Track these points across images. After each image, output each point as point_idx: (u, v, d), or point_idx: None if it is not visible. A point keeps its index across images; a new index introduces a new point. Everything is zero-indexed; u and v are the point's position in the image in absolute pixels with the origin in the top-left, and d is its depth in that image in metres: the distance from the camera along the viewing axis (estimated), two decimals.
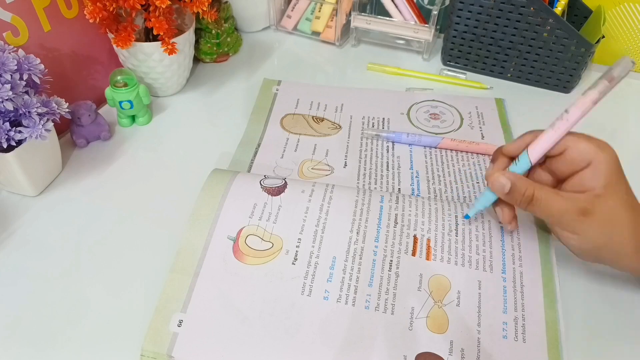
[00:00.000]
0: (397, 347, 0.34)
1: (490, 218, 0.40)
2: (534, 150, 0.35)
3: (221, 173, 0.44)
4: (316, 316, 0.35)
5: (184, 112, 0.58)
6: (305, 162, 0.50)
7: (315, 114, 0.57)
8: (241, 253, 0.38)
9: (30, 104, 0.41)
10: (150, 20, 0.49)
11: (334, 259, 0.38)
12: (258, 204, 0.41)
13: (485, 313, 0.35)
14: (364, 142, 0.53)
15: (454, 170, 0.49)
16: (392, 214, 0.40)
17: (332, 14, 0.68)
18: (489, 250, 0.38)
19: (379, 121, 0.56)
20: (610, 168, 0.33)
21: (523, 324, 0.35)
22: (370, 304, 0.36)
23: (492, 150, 0.49)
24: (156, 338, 0.34)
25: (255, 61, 0.67)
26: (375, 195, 0.42)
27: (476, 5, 0.59)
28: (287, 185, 0.42)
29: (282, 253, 0.38)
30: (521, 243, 0.39)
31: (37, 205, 0.46)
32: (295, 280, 0.37)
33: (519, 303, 0.36)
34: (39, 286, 0.39)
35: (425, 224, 0.40)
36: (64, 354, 0.35)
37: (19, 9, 0.46)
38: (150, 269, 0.40)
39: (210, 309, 0.36)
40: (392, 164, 0.50)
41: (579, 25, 0.61)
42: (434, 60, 0.68)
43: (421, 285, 0.37)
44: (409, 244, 0.39)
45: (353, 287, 0.37)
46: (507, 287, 0.37)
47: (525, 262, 0.38)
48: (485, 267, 0.37)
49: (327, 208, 0.40)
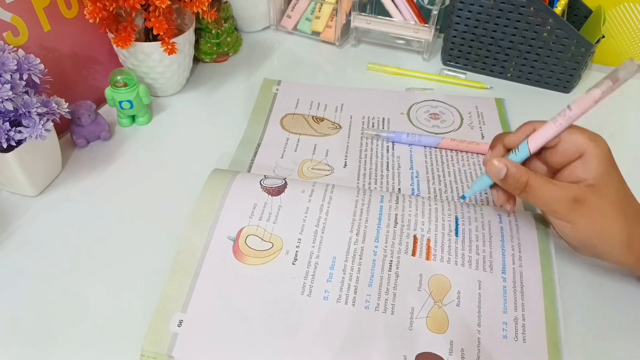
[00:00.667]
0: (397, 347, 0.34)
1: (490, 218, 0.40)
2: (534, 141, 0.36)
3: (221, 173, 0.44)
4: (316, 316, 0.35)
5: (184, 112, 0.58)
6: (305, 162, 0.50)
7: (315, 113, 0.57)
8: (241, 253, 0.38)
9: (30, 104, 0.41)
10: (150, 20, 0.49)
11: (334, 259, 0.38)
12: (258, 204, 0.41)
13: (485, 313, 0.35)
14: (364, 142, 0.53)
15: (454, 170, 0.49)
16: (392, 214, 0.40)
17: (332, 14, 0.68)
18: (489, 250, 0.38)
19: (378, 121, 0.56)
20: (602, 160, 0.33)
21: (523, 324, 0.35)
22: (370, 304, 0.36)
23: None
24: (156, 338, 0.34)
25: (255, 61, 0.67)
26: (375, 195, 0.42)
27: (476, 5, 0.59)
28: (287, 185, 0.42)
29: (282, 253, 0.38)
30: (521, 243, 0.39)
31: (37, 205, 0.46)
32: (295, 280, 0.37)
33: (519, 303, 0.36)
34: (39, 286, 0.39)
35: (425, 224, 0.40)
36: (64, 354, 0.35)
37: (18, 9, 0.46)
38: (150, 269, 0.40)
39: (211, 309, 0.36)
40: (392, 164, 0.50)
41: (579, 25, 0.61)
42: (434, 60, 0.68)
43: (421, 285, 0.37)
44: (409, 244, 0.39)
45: (353, 287, 0.37)
46: (507, 287, 0.37)
47: (525, 262, 0.38)
48: (485, 267, 0.37)
49: (327, 208, 0.40)
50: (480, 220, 0.40)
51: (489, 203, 0.45)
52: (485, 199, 0.46)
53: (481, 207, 0.41)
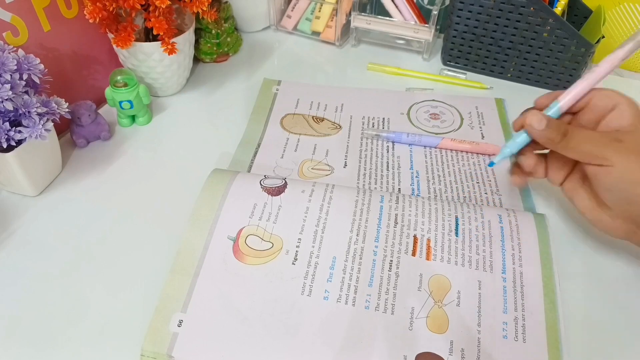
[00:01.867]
0: (397, 347, 0.34)
1: (490, 218, 0.40)
2: (564, 99, 0.38)
3: (221, 173, 0.44)
4: (316, 316, 0.35)
5: (184, 112, 0.58)
6: (305, 162, 0.50)
7: (315, 114, 0.57)
8: (241, 253, 0.38)
9: (30, 104, 0.41)
10: (150, 20, 0.49)
11: (334, 259, 0.38)
12: (258, 204, 0.41)
13: (486, 313, 0.35)
14: (364, 142, 0.53)
15: (454, 170, 0.49)
16: (392, 214, 0.40)
17: (332, 14, 0.68)
18: (489, 250, 0.38)
19: (379, 121, 0.56)
20: (635, 109, 0.35)
21: (523, 324, 0.35)
22: (370, 304, 0.36)
23: (492, 150, 0.50)
24: (156, 338, 0.34)
25: (255, 61, 0.67)
26: (375, 195, 0.42)
27: (476, 5, 0.59)
28: (287, 185, 0.42)
29: (282, 253, 0.38)
30: (521, 243, 0.39)
31: (37, 205, 0.46)
32: (295, 280, 0.37)
33: (519, 303, 0.36)
34: (39, 286, 0.39)
35: (425, 224, 0.40)
36: (64, 354, 0.35)
37: (18, 9, 0.46)
38: (150, 268, 0.40)
39: (211, 309, 0.36)
40: (392, 164, 0.50)
41: (579, 25, 0.61)
42: (434, 60, 0.68)
43: (421, 285, 0.37)
44: (409, 244, 0.39)
45: (353, 287, 0.37)
46: (507, 287, 0.37)
47: (525, 262, 0.38)
48: (485, 267, 0.37)
49: (327, 208, 0.40)
50: (481, 220, 0.40)
51: (489, 203, 0.45)
52: (485, 199, 0.46)
53: (481, 208, 0.41)
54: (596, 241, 0.43)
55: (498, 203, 0.46)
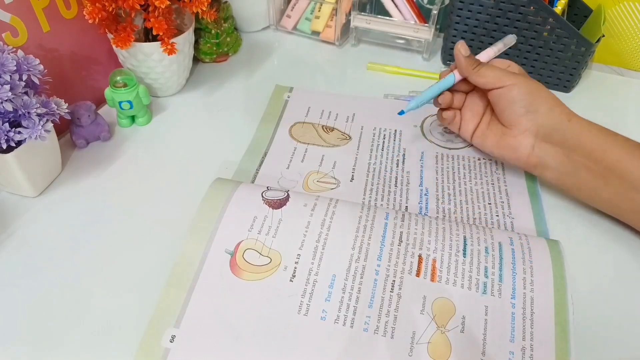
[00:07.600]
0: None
1: (500, 239, 0.38)
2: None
3: (223, 183, 0.42)
4: (312, 337, 0.34)
5: (183, 112, 0.58)
6: (311, 173, 0.49)
7: (325, 122, 0.56)
8: (238, 268, 0.37)
9: (30, 104, 0.41)
10: (150, 21, 0.49)
11: (334, 276, 0.37)
12: (258, 217, 0.39)
13: (491, 341, 0.33)
14: (374, 154, 0.52)
15: (465, 189, 0.47)
16: (396, 232, 0.38)
17: (331, 14, 0.68)
18: (499, 273, 0.36)
19: (390, 133, 0.54)
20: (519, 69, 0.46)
21: (531, 355, 0.33)
22: (369, 326, 0.34)
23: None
24: (148, 353, 0.34)
25: (255, 61, 0.67)
26: (380, 212, 0.40)
27: (476, 5, 0.59)
28: (289, 198, 0.41)
29: (280, 269, 0.37)
30: (533, 266, 0.36)
31: (37, 206, 0.46)
32: (292, 298, 0.36)
33: (528, 332, 0.33)
34: (39, 286, 0.39)
35: (431, 243, 0.37)
36: (64, 354, 0.35)
37: (18, 10, 0.46)
38: (149, 268, 0.40)
39: (204, 325, 0.35)
40: (401, 179, 0.49)
41: (579, 25, 0.61)
42: (434, 60, 0.68)
43: (424, 308, 0.35)
44: (413, 264, 0.37)
45: (352, 308, 0.35)
46: (515, 314, 0.34)
47: (537, 287, 0.35)
48: (493, 292, 0.35)
49: (329, 223, 0.39)
50: (490, 241, 0.38)
51: (499, 226, 0.44)
52: (497, 222, 0.44)
53: (491, 230, 0.39)
54: (612, 269, 0.41)
55: (510, 226, 0.44)
